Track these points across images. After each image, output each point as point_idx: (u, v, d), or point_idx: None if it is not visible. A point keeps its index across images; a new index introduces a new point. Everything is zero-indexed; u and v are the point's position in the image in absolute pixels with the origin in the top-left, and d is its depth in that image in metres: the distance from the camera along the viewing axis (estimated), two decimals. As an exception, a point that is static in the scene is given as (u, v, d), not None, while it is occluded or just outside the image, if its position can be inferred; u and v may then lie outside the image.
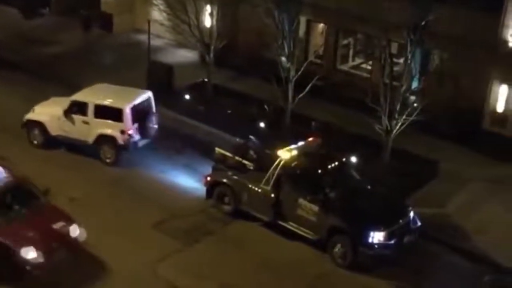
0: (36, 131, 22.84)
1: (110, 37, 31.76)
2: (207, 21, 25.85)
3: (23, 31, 32.14)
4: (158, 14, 27.57)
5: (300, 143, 19.50)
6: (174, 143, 23.23)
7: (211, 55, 25.15)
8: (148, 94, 22.58)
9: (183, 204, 20.20)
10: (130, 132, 21.63)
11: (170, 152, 22.78)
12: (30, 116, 22.96)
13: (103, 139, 21.87)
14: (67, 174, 21.35)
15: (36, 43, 30.83)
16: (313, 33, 26.79)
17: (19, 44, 30.68)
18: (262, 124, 23.34)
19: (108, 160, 22.06)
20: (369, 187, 19.16)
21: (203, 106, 24.86)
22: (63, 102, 22.57)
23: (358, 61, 27.08)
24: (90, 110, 21.86)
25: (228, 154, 20.26)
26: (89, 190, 20.63)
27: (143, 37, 28.40)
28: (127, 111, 21.52)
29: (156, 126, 22.49)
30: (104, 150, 22.01)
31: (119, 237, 18.53)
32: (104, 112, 21.72)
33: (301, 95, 22.95)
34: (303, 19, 25.02)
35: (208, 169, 20.80)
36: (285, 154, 18.80)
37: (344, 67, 26.81)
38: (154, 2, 27.33)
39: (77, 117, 22.12)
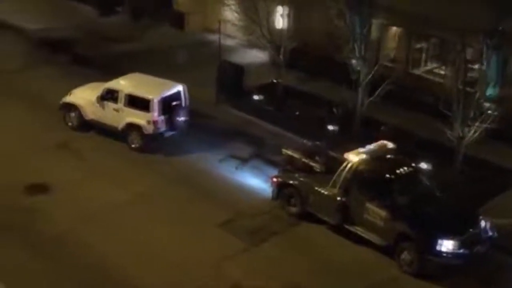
0: (72, 114, 23.60)
1: (182, 36, 32.07)
2: (279, 22, 25.80)
3: (98, 28, 32.80)
4: (230, 14, 27.71)
5: (370, 147, 19.25)
6: (241, 143, 23.30)
7: (282, 56, 25.09)
8: (179, 87, 22.92)
9: (249, 204, 20.20)
10: (157, 123, 22.11)
11: (239, 151, 22.83)
12: (67, 99, 23.71)
13: (131, 127, 22.49)
14: (131, 168, 21.72)
15: (109, 40, 31.44)
16: (385, 36, 26.40)
17: (94, 40, 31.33)
18: (331, 127, 23.16)
19: (133, 146, 22.63)
20: (439, 194, 18.73)
21: (272, 107, 24.84)
22: (99, 88, 23.25)
23: (431, 65, 26.54)
24: (121, 98, 22.53)
25: (295, 155, 20.21)
26: (155, 185, 20.86)
27: (214, 37, 28.58)
28: (155, 102, 22.04)
29: (184, 119, 22.81)
30: (131, 137, 22.61)
31: (184, 234, 18.71)
32: (134, 101, 22.32)
33: (371, 98, 22.67)
34: (375, 22, 24.69)
35: (275, 170, 20.82)
36: (354, 157, 18.61)
37: (417, 71, 26.33)
38: (226, 2, 27.47)
39: (109, 104, 22.82)
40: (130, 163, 22.02)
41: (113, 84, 23.08)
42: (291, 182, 19.66)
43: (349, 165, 18.52)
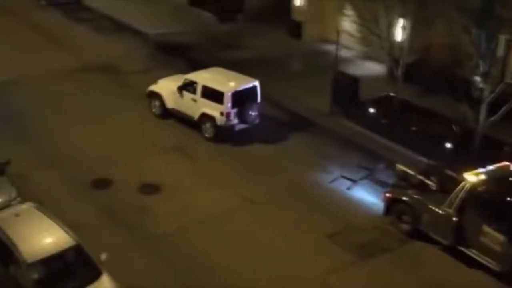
0: (156, 102, 24.94)
1: (298, 45, 32.04)
2: (399, 35, 25.24)
3: (216, 35, 33.29)
4: (348, 25, 27.38)
5: (490, 168, 18.41)
6: (353, 155, 22.94)
7: (400, 69, 24.52)
8: (254, 83, 23.75)
9: (359, 217, 19.81)
10: (229, 115, 22.95)
11: (350, 164, 22.47)
12: (153, 87, 25.19)
13: (205, 117, 23.55)
14: (245, 175, 21.78)
15: (226, 46, 31.83)
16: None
17: (210, 46, 31.80)
18: (448, 144, 22.38)
19: (207, 135, 23.69)
20: None
21: (387, 120, 24.27)
22: (180, 79, 24.47)
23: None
24: (199, 89, 23.67)
25: (410, 171, 19.64)
26: (267, 193, 20.84)
27: (331, 47, 28.36)
28: (228, 95, 22.95)
29: (255, 114, 23.57)
30: (205, 127, 23.65)
31: (293, 242, 18.57)
32: (209, 93, 23.38)
33: (494, 117, 21.72)
34: (502, 38, 23.68)
35: (387, 185, 20.36)
36: (472, 177, 17.84)
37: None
38: (346, 12, 27.17)
39: (187, 94, 24.01)
40: (244, 169, 22.11)
41: (193, 76, 24.27)
42: (404, 198, 19.10)
43: (467, 185, 17.79)
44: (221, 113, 23.09)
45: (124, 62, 29.85)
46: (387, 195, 19.58)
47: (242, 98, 23.27)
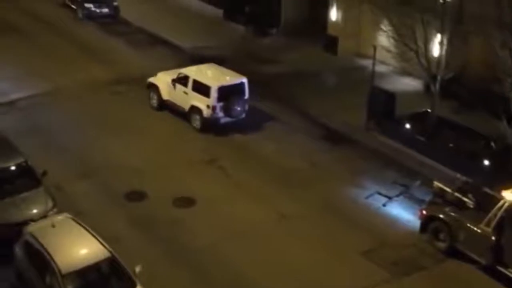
0: (154, 93, 26.50)
1: (333, 60, 31.93)
2: (436, 50, 24.99)
3: (251, 49, 33.32)
4: (384, 40, 27.18)
5: (529, 186, 18.08)
6: (389, 172, 22.72)
7: (437, 85, 24.25)
8: (242, 80, 25.22)
9: (393, 234, 19.59)
10: (214, 108, 24.46)
11: (385, 180, 22.24)
12: (152, 79, 26.83)
13: (194, 109, 25.07)
14: (278, 189, 21.65)
15: (261, 61, 31.81)
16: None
17: (246, 61, 31.76)
18: (486, 162, 22.02)
19: (195, 126, 25.09)
20: None
21: (424, 137, 23.99)
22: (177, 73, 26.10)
23: None
24: (190, 83, 25.21)
25: (447, 189, 19.35)
26: (301, 208, 20.72)
27: (367, 62, 28.20)
28: (215, 89, 24.44)
29: (241, 109, 24.93)
30: (193, 118, 25.13)
31: (327, 258, 18.46)
32: (198, 87, 24.93)
33: (534, 135, 21.37)
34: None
35: (424, 202, 20.10)
36: (511, 195, 17.52)
37: None
38: (382, 27, 26.99)
39: (180, 87, 25.51)
40: (278, 183, 22.00)
41: (186, 70, 25.91)
42: (440, 216, 18.82)
43: (505, 204, 17.47)
44: (208, 106, 24.53)
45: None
46: (424, 212, 19.32)
47: (228, 93, 24.66)
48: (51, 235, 16.15)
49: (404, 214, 20.53)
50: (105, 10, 36.99)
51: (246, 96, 25.17)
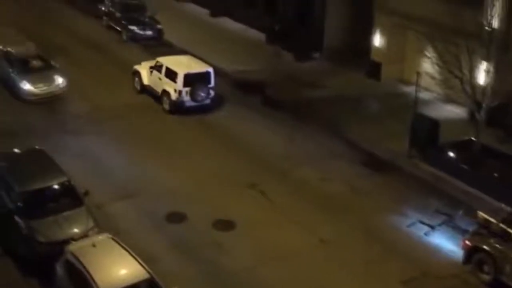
0: (137, 79, 30.09)
1: (376, 86, 31.74)
2: (481, 78, 24.66)
3: (293, 73, 33.31)
4: (429, 66, 26.93)
5: None
6: (432, 200, 22.37)
7: (482, 113, 23.87)
8: (208, 69, 28.72)
9: (436, 264, 19.23)
10: (180, 92, 27.75)
11: (428, 209, 21.88)
12: (136, 67, 30.46)
13: (165, 93, 28.36)
14: (319, 214, 21.44)
15: (303, 85, 31.76)
16: None
17: (288, 85, 31.78)
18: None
19: (165, 107, 28.37)
20: None
21: (468, 166, 23.58)
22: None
23: None
24: (163, 70, 28.59)
25: (492, 219, 18.93)
26: (342, 235, 20.53)
27: (410, 89, 27.98)
28: (181, 75, 27.77)
29: (205, 95, 28.20)
30: (164, 101, 28.41)
31: (367, 286, 18.30)
32: (169, 73, 28.31)
33: None
34: None
35: (467, 232, 19.67)
36: (559, 228, 17.11)
37: None
38: (427, 54, 26.76)
39: (156, 73, 28.98)
40: (319, 208, 21.84)
41: (162, 59, 29.31)
42: (485, 247, 18.41)
43: (554, 237, 17.04)
44: (175, 90, 27.83)
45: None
46: (467, 243, 18.93)
47: (194, 80, 27.96)
48: (91, 254, 16.21)
49: (447, 244, 20.16)
50: (149, 32, 37.44)
51: (211, 84, 28.51)
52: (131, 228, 19.92)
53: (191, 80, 27.91)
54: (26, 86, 28.23)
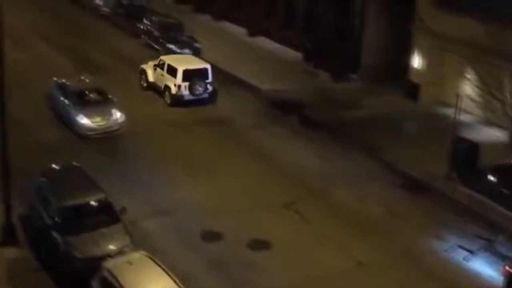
0: (143, 76, 32.66)
1: (414, 107, 31.45)
2: (523, 101, 24.34)
3: (330, 93, 33.19)
4: (469, 89, 26.63)
5: None
6: (471, 224, 21.99)
7: (524, 137, 23.52)
8: (205, 66, 31.37)
9: (475, 290, 18.88)
10: (180, 87, 30.46)
11: (467, 233, 21.51)
12: (143, 66, 33.04)
13: (166, 88, 31.09)
14: (355, 235, 21.22)
15: (340, 106, 31.62)
16: None
17: (325, 105, 31.67)
18: None
19: (167, 101, 30.97)
20: None
21: (508, 189, 23.12)
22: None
23: None
24: (165, 67, 31.39)
25: (533, 245, 18.56)
26: (378, 257, 20.26)
27: (449, 111, 27.65)
28: (180, 71, 30.49)
29: (202, 89, 30.80)
30: (166, 96, 31.14)
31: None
32: (170, 70, 31.10)
33: None
34: None
35: (508, 258, 19.35)
36: None
37: None
38: (467, 76, 26.45)
39: (159, 70, 31.73)
40: (356, 229, 21.65)
41: (165, 57, 32.27)
42: (526, 274, 18.01)
43: None
44: (175, 85, 30.47)
45: (237, 116, 30.15)
46: (508, 269, 18.51)
47: (192, 76, 30.63)
48: (127, 272, 16.20)
49: (486, 269, 19.77)
50: (186, 50, 37.61)
51: (209, 79, 31.02)
52: (167, 246, 19.89)
53: (190, 75, 30.64)
54: (83, 120, 26.88)
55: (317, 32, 37.63)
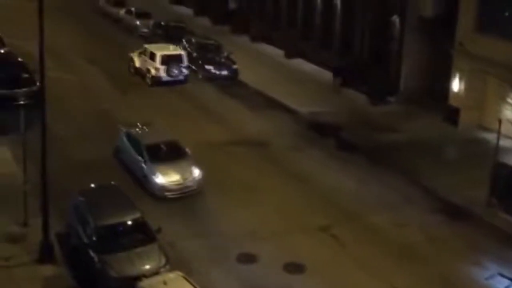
0: (131, 64, 37.63)
1: (453, 131, 31.03)
2: None
3: (367, 116, 32.95)
4: (510, 113, 26.17)
5: None
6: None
7: None
8: (181, 52, 37.18)
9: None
10: (158, 69, 35.76)
11: (509, 261, 21.01)
12: (131, 54, 38.03)
13: (148, 70, 36.29)
14: (392, 261, 20.84)
15: (378, 128, 31.36)
16: None
17: (362, 128, 31.45)
18: None
19: (148, 82, 36.18)
20: None
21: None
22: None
23: None
24: (147, 53, 36.69)
25: None
26: (417, 284, 19.87)
27: (490, 136, 27.19)
28: (159, 56, 35.89)
29: (177, 72, 36.06)
30: (147, 77, 36.33)
31: None
32: (151, 55, 36.37)
33: None
34: None
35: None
36: None
37: None
38: (509, 101, 26.03)
39: (143, 57, 36.97)
40: (392, 255, 21.28)
41: (148, 45, 37.75)
42: None
43: None
44: (154, 68, 35.74)
45: (274, 138, 30.03)
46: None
47: (169, 60, 36.00)
48: (162, 292, 16.13)
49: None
50: (224, 72, 37.81)
51: (184, 64, 36.44)
52: (202, 267, 19.80)
53: (167, 60, 35.92)
54: (159, 179, 23.73)
55: (354, 54, 37.49)
